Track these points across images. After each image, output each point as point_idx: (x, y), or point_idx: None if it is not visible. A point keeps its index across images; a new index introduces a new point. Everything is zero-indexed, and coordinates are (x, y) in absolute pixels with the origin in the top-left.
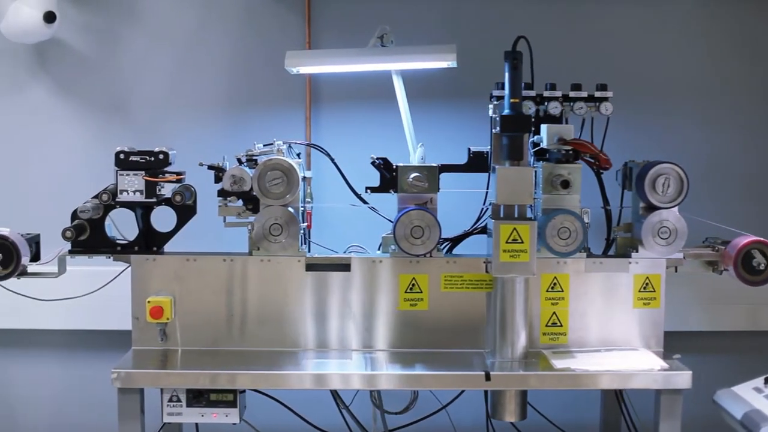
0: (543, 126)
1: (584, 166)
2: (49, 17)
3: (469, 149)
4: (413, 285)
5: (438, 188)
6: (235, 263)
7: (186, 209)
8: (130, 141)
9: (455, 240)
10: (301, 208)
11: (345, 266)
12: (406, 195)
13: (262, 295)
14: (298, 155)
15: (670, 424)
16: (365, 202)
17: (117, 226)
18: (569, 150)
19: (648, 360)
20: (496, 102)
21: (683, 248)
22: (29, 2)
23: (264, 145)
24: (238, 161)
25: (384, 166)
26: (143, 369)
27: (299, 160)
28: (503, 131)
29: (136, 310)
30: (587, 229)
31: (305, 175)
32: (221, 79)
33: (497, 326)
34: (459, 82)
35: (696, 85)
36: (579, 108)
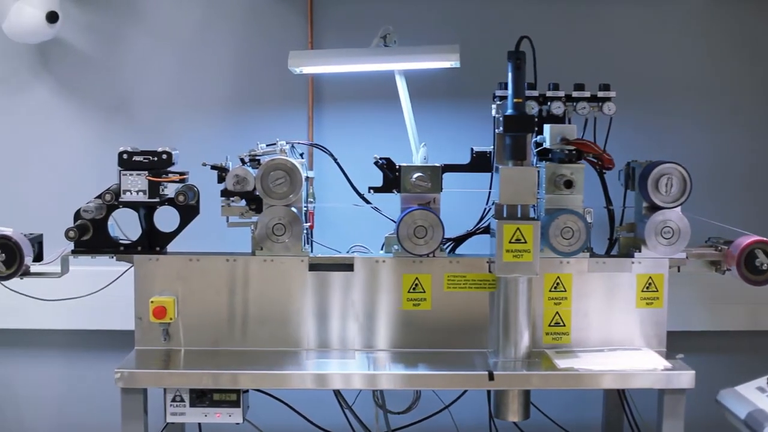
0: (546, 126)
1: (587, 166)
2: (52, 17)
3: (472, 149)
4: (416, 285)
5: (441, 188)
6: (238, 263)
7: (189, 209)
8: (133, 141)
9: (458, 240)
10: (304, 208)
11: (348, 266)
12: (409, 195)
13: (265, 295)
14: (301, 155)
15: (673, 424)
16: (368, 202)
17: (120, 226)
18: (572, 150)
19: (651, 360)
20: (499, 102)
21: (686, 248)
22: (32, 2)
23: (267, 145)
24: (241, 161)
25: (387, 166)
26: (146, 369)
27: (302, 160)
28: (506, 131)
29: (139, 310)
30: (590, 229)
31: (308, 175)
32: (224, 79)
33: (500, 326)
34: (461, 82)
35: (696, 85)
36: (582, 108)
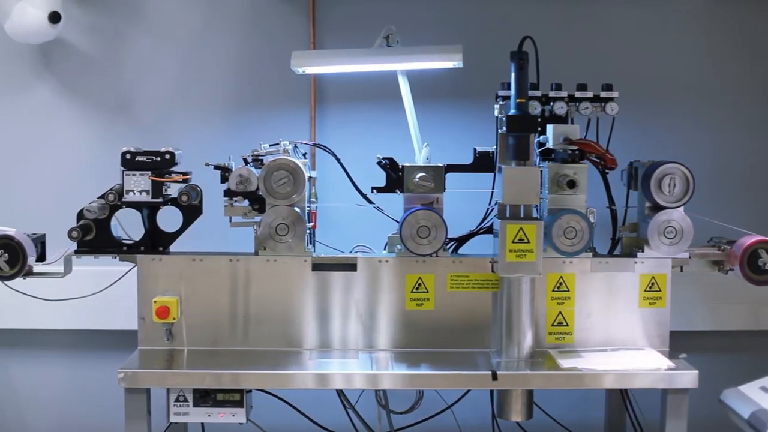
0: (549, 126)
1: (590, 166)
2: (54, 17)
3: (475, 149)
4: (419, 285)
5: (444, 188)
6: (241, 263)
7: (192, 209)
8: (136, 141)
9: (461, 240)
10: (307, 208)
11: (351, 266)
12: (412, 195)
13: (268, 295)
14: (304, 155)
15: (677, 424)
16: (371, 202)
17: (123, 226)
18: (575, 150)
19: (654, 359)
20: (502, 102)
21: (689, 248)
22: (34, 2)
23: (270, 145)
24: (244, 161)
25: (390, 166)
26: (149, 369)
27: (305, 160)
28: (509, 131)
29: (142, 310)
30: (593, 229)
31: (311, 175)
32: (226, 80)
33: (503, 326)
34: (464, 82)
35: (696, 85)
36: (584, 108)
